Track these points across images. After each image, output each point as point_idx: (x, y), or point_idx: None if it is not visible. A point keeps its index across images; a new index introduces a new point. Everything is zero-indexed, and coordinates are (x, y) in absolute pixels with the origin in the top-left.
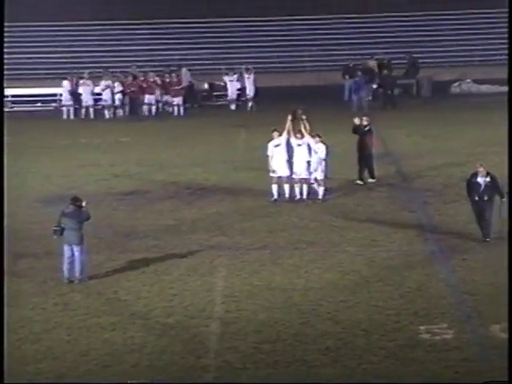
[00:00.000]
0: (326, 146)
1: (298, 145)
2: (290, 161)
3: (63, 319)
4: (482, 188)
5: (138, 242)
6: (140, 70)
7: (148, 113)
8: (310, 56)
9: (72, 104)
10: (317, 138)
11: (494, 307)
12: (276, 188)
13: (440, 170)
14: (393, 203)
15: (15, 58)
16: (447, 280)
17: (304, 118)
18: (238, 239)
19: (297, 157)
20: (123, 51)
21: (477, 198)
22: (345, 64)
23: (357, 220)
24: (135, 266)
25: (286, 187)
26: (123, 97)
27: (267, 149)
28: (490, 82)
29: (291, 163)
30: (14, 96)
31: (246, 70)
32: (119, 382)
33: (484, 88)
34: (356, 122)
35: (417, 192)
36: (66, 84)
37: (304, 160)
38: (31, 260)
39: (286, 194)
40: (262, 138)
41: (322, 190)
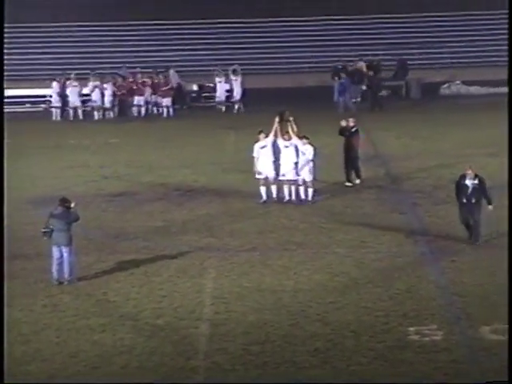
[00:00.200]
0: (313, 147)
1: (286, 146)
2: (276, 162)
3: (52, 321)
4: (469, 190)
5: (127, 243)
6: (130, 71)
7: (137, 114)
8: (300, 57)
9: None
10: (304, 139)
11: (483, 309)
12: (264, 190)
13: (429, 171)
14: (382, 205)
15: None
16: (436, 281)
17: (291, 120)
18: (228, 241)
19: (284, 158)
20: (111, 52)
21: (465, 200)
22: (334, 65)
23: (346, 222)
24: (125, 268)
25: (274, 189)
26: (114, 98)
27: (253, 150)
28: (479, 84)
29: (278, 165)
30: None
31: (233, 72)
32: (109, 382)
33: (473, 89)
34: (342, 124)
35: (406, 194)
36: (55, 85)
37: (291, 161)
38: (22, 261)
39: (273, 196)
40: (252, 140)
41: (311, 191)
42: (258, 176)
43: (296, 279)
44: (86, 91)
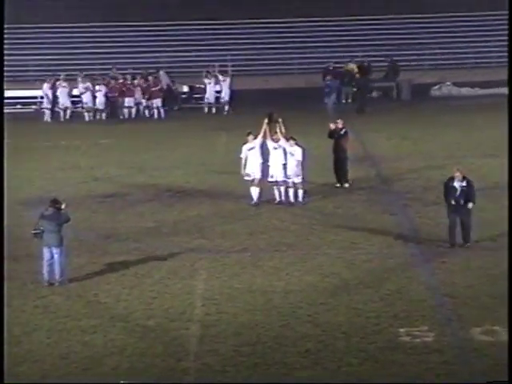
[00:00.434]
0: (301, 148)
1: (274, 148)
2: (265, 164)
3: (43, 322)
4: (458, 192)
5: (118, 244)
6: (120, 72)
7: (128, 115)
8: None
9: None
10: (291, 140)
11: (474, 310)
12: (254, 191)
13: (420, 172)
14: (373, 206)
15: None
16: (427, 283)
17: (280, 121)
18: (219, 242)
19: (273, 160)
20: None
21: (453, 202)
22: (325, 66)
23: (337, 223)
24: (115, 269)
25: (264, 190)
26: (106, 100)
27: (241, 151)
28: (470, 85)
29: (267, 166)
30: None
31: (222, 73)
32: (101, 383)
33: (464, 91)
34: (331, 126)
35: (397, 195)
36: (46, 86)
37: (280, 163)
38: (11, 262)
39: (260, 198)
40: (242, 141)
41: (301, 192)
42: (246, 178)
43: (287, 280)
44: (76, 92)
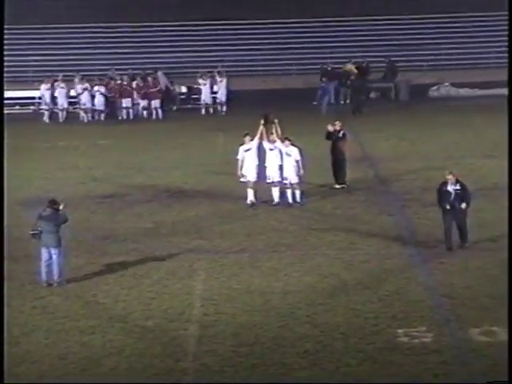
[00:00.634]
0: (298, 148)
1: (271, 149)
2: (261, 165)
3: (41, 322)
4: (452, 196)
5: (117, 245)
6: (118, 73)
7: (126, 116)
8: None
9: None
10: (286, 141)
11: (472, 311)
12: (251, 192)
13: (418, 173)
14: (371, 207)
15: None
16: (425, 283)
17: (276, 122)
18: (217, 242)
19: (269, 161)
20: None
21: (448, 207)
22: (323, 67)
23: (335, 223)
24: (114, 269)
25: (262, 191)
26: (105, 100)
27: (238, 152)
28: (468, 86)
29: (263, 167)
30: None
31: (218, 74)
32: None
33: (463, 91)
34: (329, 128)
35: (395, 195)
36: (43, 87)
37: (276, 164)
38: (10, 263)
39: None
40: (240, 142)
41: (298, 193)
42: (242, 179)
43: (285, 281)
44: (73, 93)
